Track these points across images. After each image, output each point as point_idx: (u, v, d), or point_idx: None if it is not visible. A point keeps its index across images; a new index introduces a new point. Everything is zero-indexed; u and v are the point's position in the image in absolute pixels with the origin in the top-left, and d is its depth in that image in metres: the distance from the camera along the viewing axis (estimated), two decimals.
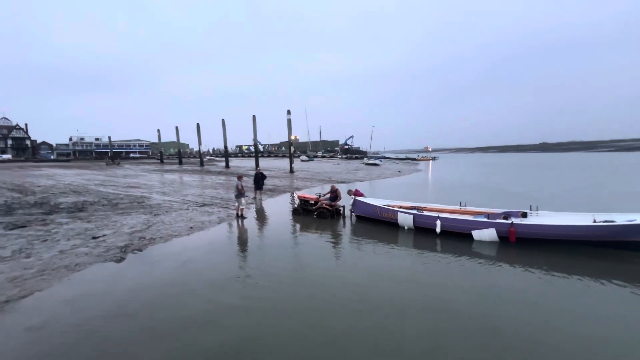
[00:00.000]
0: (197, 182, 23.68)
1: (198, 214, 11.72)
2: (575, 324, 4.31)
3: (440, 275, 6.17)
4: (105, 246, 7.85)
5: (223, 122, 40.04)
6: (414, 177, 31.20)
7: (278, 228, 10.10)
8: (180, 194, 16.83)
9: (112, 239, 8.49)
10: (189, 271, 6.38)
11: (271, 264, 6.78)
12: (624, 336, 4.04)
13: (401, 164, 56.54)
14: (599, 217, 7.85)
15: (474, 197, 15.19)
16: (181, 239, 8.69)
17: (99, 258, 7.08)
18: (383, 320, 4.47)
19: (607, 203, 13.47)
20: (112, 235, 8.84)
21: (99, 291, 5.48)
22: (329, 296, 5.23)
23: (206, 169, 38.12)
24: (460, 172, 37.92)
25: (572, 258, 6.78)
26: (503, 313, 4.64)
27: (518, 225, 7.84)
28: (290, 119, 32.09)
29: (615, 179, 24.91)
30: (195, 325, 4.36)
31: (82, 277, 6.12)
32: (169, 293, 5.39)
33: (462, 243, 8.01)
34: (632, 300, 4.96)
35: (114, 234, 8.97)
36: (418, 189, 20.93)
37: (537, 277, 5.93)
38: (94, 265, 6.70)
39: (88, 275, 6.21)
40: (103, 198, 15.09)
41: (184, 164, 50.24)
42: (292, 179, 26.56)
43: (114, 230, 9.29)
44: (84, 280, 5.97)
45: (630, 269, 6.15)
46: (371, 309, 4.80)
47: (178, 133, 52.10)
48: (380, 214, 10.36)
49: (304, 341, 4.01)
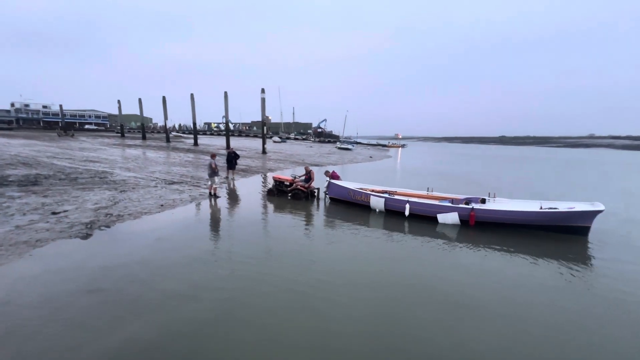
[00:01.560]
0: (164, 159, 22.59)
1: (168, 192, 11.34)
2: (515, 292, 4.98)
3: (408, 253, 6.68)
4: (68, 222, 7.43)
5: (192, 97, 37.98)
6: (384, 162, 32.20)
7: (252, 208, 10.13)
8: (146, 171, 16.03)
9: (74, 214, 8.03)
10: (162, 248, 6.30)
11: (246, 241, 6.88)
12: (545, 301, 4.75)
13: (372, 150, 57.81)
14: (545, 204, 8.82)
15: (440, 183, 16.15)
16: (152, 216, 8.44)
17: (62, 234, 6.71)
18: (356, 293, 4.82)
19: (553, 192, 15.02)
20: (74, 211, 8.34)
21: (67, 267, 5.27)
22: (303, 271, 5.49)
23: (173, 146, 36.26)
24: (427, 160, 39.73)
25: (521, 239, 7.63)
26: (460, 283, 5.20)
27: (477, 210, 8.58)
28: (264, 98, 31.23)
29: (562, 172, 27.61)
30: (175, 299, 4.40)
31: (45, 252, 5.81)
32: (143, 269, 5.32)
33: (428, 225, 8.64)
34: (560, 274, 5.77)
35: (77, 209, 8.47)
36: (388, 174, 21.74)
37: (491, 255, 6.64)
38: (57, 241, 6.36)
39: (51, 251, 5.90)
40: (59, 172, 13.96)
41: (147, 139, 47.26)
42: (264, 159, 26.24)
43: (76, 206, 8.76)
44: (48, 255, 5.67)
45: (565, 248, 7.08)
46: (344, 282, 5.13)
47: (141, 106, 48.53)
48: (353, 197, 10.74)
49: (277, 314, 4.24)
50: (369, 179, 15.23)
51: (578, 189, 17.00)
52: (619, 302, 4.79)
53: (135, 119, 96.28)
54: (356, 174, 20.83)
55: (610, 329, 4.10)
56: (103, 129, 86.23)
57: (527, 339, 3.84)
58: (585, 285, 5.40)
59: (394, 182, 15.58)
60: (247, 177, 16.58)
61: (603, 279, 5.65)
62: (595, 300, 4.87)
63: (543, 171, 27.80)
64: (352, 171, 22.60)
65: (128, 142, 39.06)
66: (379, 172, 23.15)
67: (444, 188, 12.97)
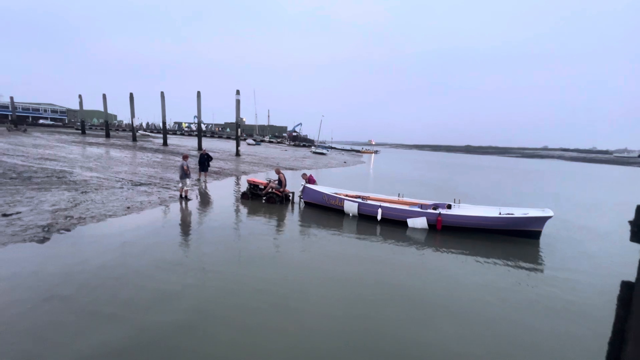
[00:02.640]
0: (130, 158, 21.47)
1: (135, 194, 10.83)
2: (475, 290, 5.37)
3: (379, 256, 6.93)
4: (22, 225, 6.88)
5: (162, 95, 36.46)
6: (358, 168, 32.88)
7: (225, 211, 9.96)
8: (110, 171, 15.17)
9: (29, 217, 7.45)
10: (129, 253, 6.03)
11: (218, 245, 6.78)
12: (499, 298, 5.19)
13: (346, 155, 58.74)
14: (504, 210, 9.54)
15: (410, 189, 16.82)
16: (118, 219, 8.04)
17: (15, 238, 6.21)
18: (330, 294, 4.95)
19: (510, 199, 16.21)
20: (29, 212, 7.73)
21: (22, 273, 4.90)
22: (277, 275, 5.52)
23: (140, 145, 34.51)
24: (399, 166, 41.11)
25: (481, 242, 8.19)
26: (426, 283, 5.51)
27: (444, 215, 9.09)
28: (239, 99, 30.77)
29: (520, 181, 29.79)
30: (143, 307, 4.26)
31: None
32: (108, 275, 5.07)
33: (399, 229, 9.01)
34: (510, 273, 6.30)
35: (32, 211, 7.86)
36: (362, 179, 22.25)
37: (455, 257, 7.08)
38: (9, 245, 5.88)
39: (3, 256, 5.45)
40: (10, 170, 12.83)
41: (112, 138, 44.58)
42: (238, 162, 25.80)
43: (30, 208, 8.12)
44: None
45: (520, 250, 7.71)
46: (318, 284, 5.24)
47: (105, 102, 45.71)
48: (327, 201, 10.92)
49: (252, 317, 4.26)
50: (343, 184, 15.54)
51: (532, 197, 18.47)
52: (556, 300, 5.32)
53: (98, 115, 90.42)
54: (330, 178, 21.10)
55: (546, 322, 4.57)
56: (60, 124, 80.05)
57: (480, 335, 4.17)
58: (531, 284, 5.93)
59: (367, 187, 16.01)
60: (220, 180, 16.23)
61: (548, 279, 6.24)
62: (540, 298, 5.38)
63: (504, 179, 29.83)
64: (327, 176, 22.87)
65: (90, 140, 36.61)
66: (352, 177, 23.61)
67: (414, 193, 13.55)
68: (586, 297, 5.43)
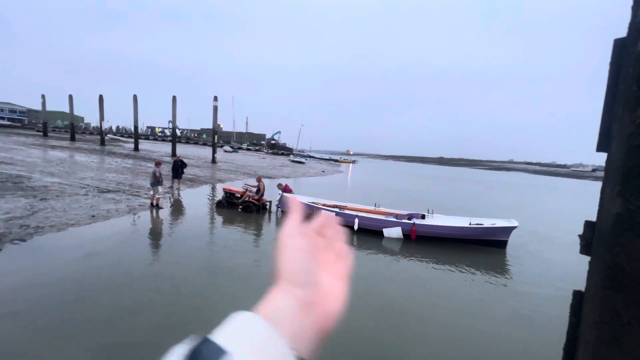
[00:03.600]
0: (97, 164, 20.34)
1: (101, 201, 10.24)
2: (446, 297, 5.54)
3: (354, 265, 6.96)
4: None
5: (135, 98, 35.12)
6: (336, 177, 33.16)
7: (199, 220, 9.65)
8: (75, 177, 14.27)
9: None
10: (93, 265, 5.66)
11: (190, 256, 6.53)
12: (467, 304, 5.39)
13: (325, 164, 59.14)
14: (474, 220, 9.97)
15: (386, 199, 17.17)
16: (81, 228, 7.54)
17: None
18: None
19: (480, 209, 16.99)
20: None
21: None
22: (253, 286, 5.40)
23: (109, 150, 32.80)
24: (376, 176, 41.93)
25: (453, 251, 8.48)
26: (398, 292, 5.61)
27: (418, 225, 9.36)
28: (216, 105, 30.30)
29: (490, 192, 31.34)
30: (106, 323, 3.99)
31: None
32: (67, 290, 4.72)
33: (375, 239, 9.14)
34: (478, 282, 6.58)
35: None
36: (340, 189, 22.46)
37: (427, 266, 7.28)
38: None
39: None
40: None
41: (77, 141, 42.07)
42: (214, 169, 25.19)
43: None
44: None
45: (487, 259, 8.07)
46: None
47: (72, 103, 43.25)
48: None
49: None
50: (321, 193, 15.59)
51: (499, 208, 19.47)
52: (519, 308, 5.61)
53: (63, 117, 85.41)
54: (308, 187, 21.11)
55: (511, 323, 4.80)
56: (19, 125, 74.62)
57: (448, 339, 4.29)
58: (497, 293, 6.22)
59: (345, 197, 16.16)
60: (195, 188, 15.74)
61: (513, 288, 6.56)
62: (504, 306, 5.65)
63: (475, 190, 31.26)
64: (305, 184, 22.86)
65: (52, 143, 34.33)
66: (331, 186, 23.77)
67: (390, 203, 13.84)
68: (546, 305, 5.76)
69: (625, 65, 0.89)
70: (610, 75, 0.96)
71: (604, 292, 0.88)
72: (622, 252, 0.84)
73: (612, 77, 0.96)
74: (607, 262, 0.88)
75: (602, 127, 0.99)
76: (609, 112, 0.97)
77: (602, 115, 1.00)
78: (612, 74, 0.96)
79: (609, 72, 0.97)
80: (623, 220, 0.84)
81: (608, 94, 0.97)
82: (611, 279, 0.86)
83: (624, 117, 0.86)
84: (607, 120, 0.97)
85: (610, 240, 0.87)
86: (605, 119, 0.98)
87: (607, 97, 0.97)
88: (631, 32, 0.87)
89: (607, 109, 0.98)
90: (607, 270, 0.87)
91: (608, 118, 0.97)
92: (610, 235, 0.88)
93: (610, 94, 0.96)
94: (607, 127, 0.97)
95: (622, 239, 0.84)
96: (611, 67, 0.96)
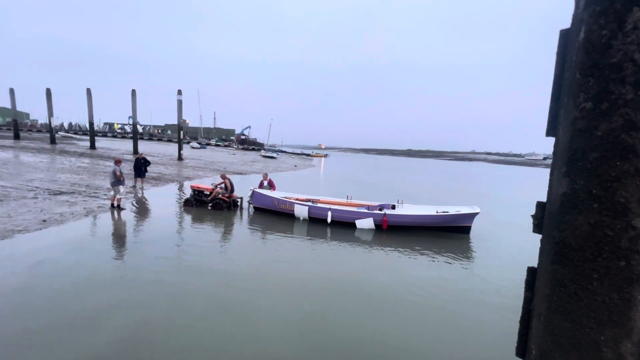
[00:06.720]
0: (47, 164, 18.63)
1: (54, 204, 9.41)
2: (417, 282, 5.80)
3: (330, 257, 7.06)
4: None
5: (88, 92, 32.42)
6: (308, 171, 33.16)
7: (165, 221, 9.21)
8: (21, 179, 12.97)
9: None
10: (45, 273, 5.22)
11: (157, 259, 6.22)
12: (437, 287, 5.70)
13: (297, 159, 58.84)
14: (440, 208, 10.46)
15: (357, 191, 17.49)
16: (30, 235, 6.89)
17: None
18: (282, 297, 4.87)
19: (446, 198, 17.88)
20: None
21: None
22: (226, 282, 5.28)
23: (60, 148, 30.12)
24: (348, 169, 42.51)
25: (421, 238, 8.86)
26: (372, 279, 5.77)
27: (389, 215, 9.63)
28: (180, 100, 28.87)
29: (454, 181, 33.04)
30: (64, 333, 3.70)
31: None
32: (14, 301, 4.31)
33: (348, 230, 9.29)
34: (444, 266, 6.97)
35: None
36: (312, 182, 22.49)
37: (399, 253, 7.54)
38: None
39: None
40: None
41: (22, 140, 38.17)
42: (180, 167, 24.12)
43: None
44: None
45: (452, 244, 8.53)
46: (270, 289, 5.13)
47: (14, 97, 38.98)
48: (277, 206, 10.78)
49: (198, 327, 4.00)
50: (294, 188, 15.51)
51: (465, 195, 20.62)
52: (482, 287, 6.03)
53: (4, 113, 77.02)
54: (281, 182, 20.89)
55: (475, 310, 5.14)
56: None
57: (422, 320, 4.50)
58: (461, 275, 6.61)
59: (318, 190, 16.23)
60: (160, 187, 14.97)
61: (476, 270, 7.01)
62: (468, 286, 6.02)
63: (440, 180, 32.79)
64: (277, 180, 22.52)
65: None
66: (303, 180, 23.74)
67: (361, 195, 14.12)
68: (507, 282, 6.22)
69: (570, 54, 0.95)
70: (557, 65, 1.03)
71: (553, 267, 0.95)
72: (568, 228, 0.91)
73: (558, 67, 1.02)
74: (555, 239, 0.94)
75: (550, 113, 1.05)
76: (556, 100, 1.04)
77: (550, 103, 1.06)
78: (559, 63, 1.02)
79: (555, 62, 1.03)
80: (569, 199, 0.90)
81: (555, 83, 1.03)
82: (559, 254, 0.93)
83: (569, 104, 0.93)
84: (555, 107, 1.04)
85: (558, 218, 0.94)
86: (553, 106, 1.04)
87: (555, 85, 1.04)
88: (574, 23, 0.93)
89: (554, 96, 1.04)
90: (555, 246, 0.94)
91: (555, 105, 1.04)
92: (558, 214, 0.94)
93: (557, 82, 1.03)
94: (554, 113, 1.03)
95: (568, 217, 0.91)
96: (558, 57, 1.03)
